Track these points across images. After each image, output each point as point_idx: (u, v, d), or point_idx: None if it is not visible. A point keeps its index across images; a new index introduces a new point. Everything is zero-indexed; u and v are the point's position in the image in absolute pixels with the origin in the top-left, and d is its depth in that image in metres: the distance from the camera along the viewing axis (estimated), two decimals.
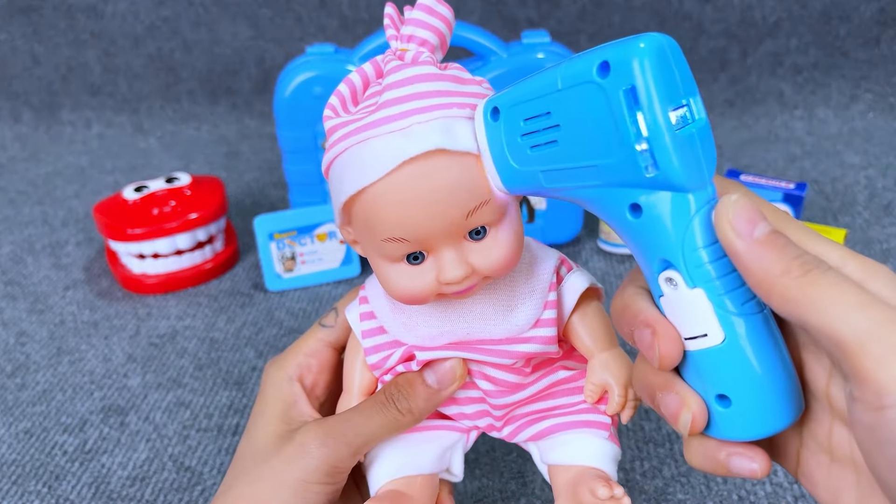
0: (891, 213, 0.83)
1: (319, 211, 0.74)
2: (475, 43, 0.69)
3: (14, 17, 1.16)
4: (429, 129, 0.29)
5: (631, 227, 0.27)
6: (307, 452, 0.35)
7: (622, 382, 0.35)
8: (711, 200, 0.26)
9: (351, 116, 0.31)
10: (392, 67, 0.30)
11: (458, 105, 0.30)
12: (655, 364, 0.27)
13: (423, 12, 0.31)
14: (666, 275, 0.27)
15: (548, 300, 0.35)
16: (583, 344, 0.36)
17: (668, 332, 0.27)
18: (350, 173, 0.30)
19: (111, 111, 1.20)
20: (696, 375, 0.27)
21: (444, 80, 0.30)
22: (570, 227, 0.78)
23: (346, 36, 1.13)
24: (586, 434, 0.37)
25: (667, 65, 0.25)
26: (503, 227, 0.31)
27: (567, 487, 0.35)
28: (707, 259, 0.26)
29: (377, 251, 0.32)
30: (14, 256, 0.84)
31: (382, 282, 0.33)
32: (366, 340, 0.36)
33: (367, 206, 0.30)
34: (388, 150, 0.29)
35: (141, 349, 0.67)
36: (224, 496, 0.36)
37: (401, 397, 0.36)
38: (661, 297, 0.27)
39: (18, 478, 0.54)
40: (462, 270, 0.31)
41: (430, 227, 0.30)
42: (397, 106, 0.29)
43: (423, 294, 0.32)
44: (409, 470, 0.36)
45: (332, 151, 0.31)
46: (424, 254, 0.31)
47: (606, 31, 1.10)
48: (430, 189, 0.29)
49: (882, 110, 1.09)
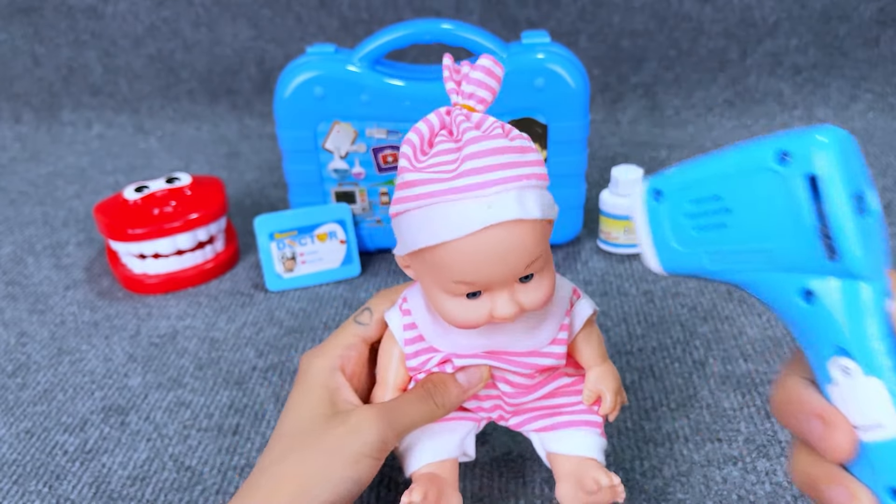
0: (891, 213, 0.83)
1: (319, 211, 0.74)
2: (475, 43, 0.69)
3: (14, 18, 1.16)
4: (507, 201, 0.35)
5: (801, 312, 0.27)
6: (364, 430, 0.40)
7: (613, 390, 0.44)
8: (887, 291, 0.26)
9: (430, 174, 0.36)
10: (471, 137, 0.36)
11: (526, 176, 0.36)
12: (829, 457, 0.27)
13: (484, 73, 0.37)
14: (839, 362, 0.26)
15: (563, 323, 0.43)
16: (583, 358, 0.45)
17: (842, 424, 0.26)
18: (430, 226, 0.36)
19: (112, 111, 1.20)
20: (868, 467, 0.26)
21: (514, 153, 0.36)
22: (571, 228, 0.78)
23: (347, 36, 1.13)
24: (584, 430, 0.45)
25: (847, 156, 0.25)
26: (545, 273, 0.39)
27: (571, 475, 0.43)
28: (885, 349, 0.26)
29: (441, 287, 0.38)
30: (15, 257, 0.84)
31: (441, 310, 0.39)
32: (407, 347, 0.44)
33: (444, 255, 0.36)
34: (473, 215, 0.35)
35: (141, 349, 0.67)
36: (277, 466, 0.40)
37: (437, 393, 0.43)
38: (829, 385, 0.27)
39: (19, 477, 0.54)
40: (513, 308, 0.38)
41: (495, 276, 0.37)
42: (477, 175, 0.35)
43: (478, 324, 0.39)
44: (441, 455, 0.45)
45: (410, 203, 0.37)
46: (481, 292, 0.38)
47: (606, 31, 1.10)
48: (504, 250, 0.36)
49: (881, 110, 1.09)
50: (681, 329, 0.66)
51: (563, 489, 0.44)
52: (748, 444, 0.53)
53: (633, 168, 0.75)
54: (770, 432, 0.54)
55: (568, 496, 0.43)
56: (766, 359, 0.62)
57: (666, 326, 0.66)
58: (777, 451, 0.52)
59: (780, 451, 0.52)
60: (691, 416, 0.56)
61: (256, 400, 0.60)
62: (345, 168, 0.74)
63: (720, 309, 0.68)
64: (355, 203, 0.76)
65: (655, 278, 0.74)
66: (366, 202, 0.76)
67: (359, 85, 0.70)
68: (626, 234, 0.76)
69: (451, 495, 0.43)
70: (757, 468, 0.51)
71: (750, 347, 0.63)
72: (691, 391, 0.59)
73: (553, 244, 0.80)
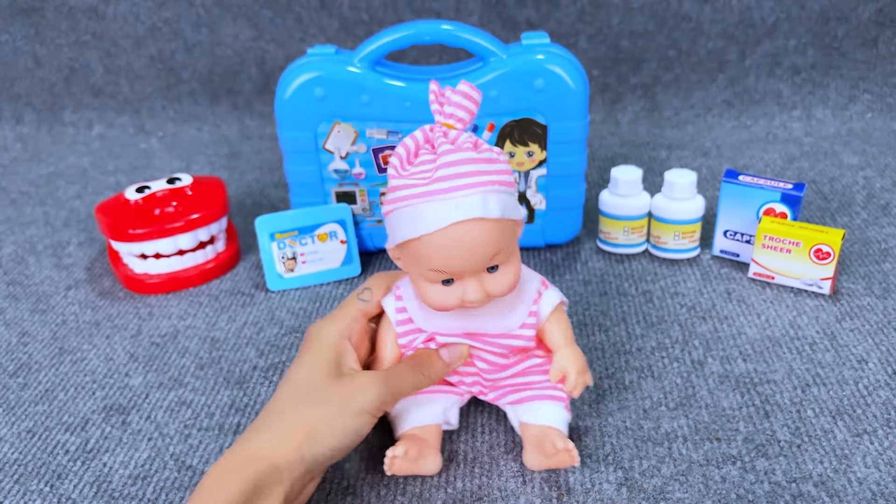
0: (889, 213, 0.84)
1: (320, 211, 0.75)
2: (475, 44, 0.69)
3: (15, 19, 1.16)
4: (471, 202, 0.43)
5: None
6: (368, 390, 0.47)
7: (577, 370, 0.50)
8: None
9: (412, 181, 0.44)
10: (444, 150, 0.43)
11: (490, 182, 0.44)
12: None
13: (462, 97, 0.45)
14: None
15: (531, 310, 0.50)
16: (552, 341, 0.51)
17: None
18: (410, 223, 0.44)
19: (113, 112, 1.20)
20: None
21: (481, 163, 0.44)
22: (570, 228, 0.79)
23: (347, 37, 1.13)
24: (550, 403, 0.53)
25: None
26: (510, 265, 0.47)
27: (534, 440, 0.51)
28: None
29: (421, 274, 0.46)
30: (16, 257, 0.84)
31: (421, 294, 0.47)
32: (399, 327, 0.52)
33: (420, 247, 0.44)
34: (442, 214, 0.43)
35: (142, 349, 0.67)
36: (289, 412, 0.46)
37: (425, 365, 0.50)
38: None
39: (21, 477, 0.54)
40: (480, 295, 0.46)
41: (462, 266, 0.44)
42: (448, 181, 0.43)
43: (451, 306, 0.47)
44: (425, 421, 0.52)
45: (396, 204, 0.45)
46: (454, 279, 0.46)
47: (606, 32, 1.10)
48: (469, 243, 0.43)
49: (880, 111, 1.09)
50: (680, 329, 0.66)
51: (528, 453, 0.50)
52: (747, 443, 0.53)
53: (633, 168, 0.76)
54: (769, 432, 0.54)
55: (530, 459, 0.50)
56: (765, 359, 0.62)
57: (665, 326, 0.67)
58: (776, 450, 0.53)
59: (779, 451, 0.53)
60: (690, 416, 0.56)
61: (257, 399, 0.60)
62: (345, 168, 0.74)
63: (719, 309, 0.68)
64: (355, 203, 0.76)
65: (654, 278, 0.74)
66: (366, 202, 0.76)
67: (359, 86, 0.70)
68: (625, 234, 0.77)
69: (430, 454, 0.50)
70: (756, 467, 0.51)
71: (749, 347, 0.63)
72: (690, 391, 0.59)
73: (553, 244, 0.80)
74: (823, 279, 0.69)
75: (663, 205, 0.74)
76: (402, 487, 0.51)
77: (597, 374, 0.61)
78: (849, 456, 0.52)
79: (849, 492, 0.49)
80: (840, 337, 0.64)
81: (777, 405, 0.57)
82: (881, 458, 0.51)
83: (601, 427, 0.56)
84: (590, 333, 0.66)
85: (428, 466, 0.50)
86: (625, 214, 0.75)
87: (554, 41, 0.75)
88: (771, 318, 0.67)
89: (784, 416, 0.56)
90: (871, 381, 0.59)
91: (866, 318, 0.66)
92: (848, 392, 0.58)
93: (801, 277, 0.69)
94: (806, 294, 0.70)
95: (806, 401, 0.57)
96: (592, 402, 0.58)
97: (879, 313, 0.66)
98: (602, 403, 0.58)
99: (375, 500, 0.51)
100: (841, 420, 0.55)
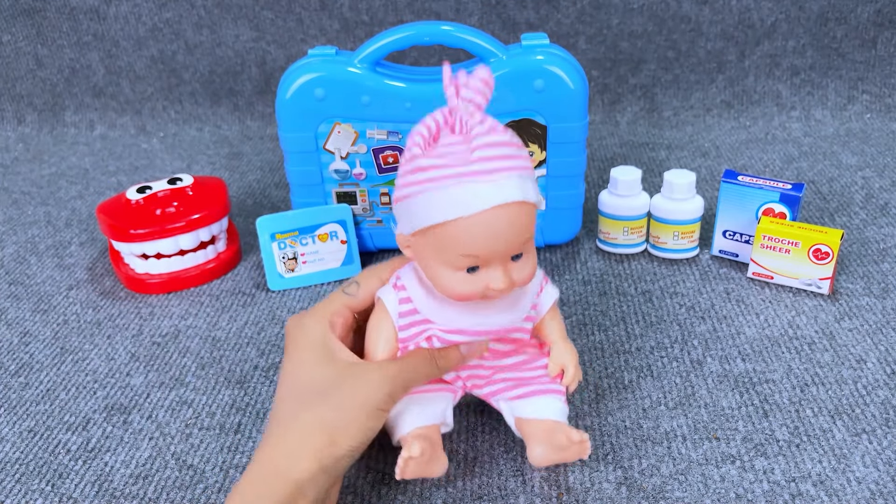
0: (887, 213, 0.84)
1: (321, 211, 0.75)
2: (475, 45, 0.70)
3: (17, 20, 1.16)
4: (512, 185, 0.41)
5: None
6: (379, 387, 0.45)
7: (574, 364, 0.51)
8: None
9: (444, 161, 0.41)
10: (479, 131, 0.41)
11: (524, 167, 0.42)
12: None
13: (480, 82, 0.42)
14: None
15: (534, 303, 0.50)
16: (549, 335, 0.52)
17: None
18: (444, 205, 0.41)
19: (114, 112, 1.21)
20: None
21: (514, 147, 0.42)
22: (570, 228, 0.79)
23: (347, 38, 1.13)
24: (551, 397, 0.51)
25: None
26: (530, 254, 0.45)
27: (542, 434, 0.49)
28: None
29: (444, 262, 0.43)
30: (18, 257, 0.85)
31: (441, 283, 0.44)
32: (401, 320, 0.48)
33: (454, 230, 0.41)
34: (484, 195, 0.40)
35: (144, 348, 0.67)
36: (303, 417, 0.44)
37: (440, 356, 0.48)
38: None
39: (22, 476, 0.54)
40: (506, 282, 0.43)
41: (497, 250, 0.42)
42: (490, 162, 0.41)
43: (475, 295, 0.44)
44: (428, 420, 0.49)
45: (423, 185, 0.42)
46: (480, 267, 0.43)
47: (605, 33, 1.10)
48: (506, 226, 0.41)
49: (879, 111, 1.09)
50: (679, 328, 0.66)
51: (536, 449, 0.49)
52: (746, 442, 0.54)
53: (632, 169, 0.76)
54: (768, 431, 0.54)
55: (539, 455, 0.48)
56: (764, 358, 0.62)
57: (664, 326, 0.67)
58: (775, 449, 0.53)
59: (778, 450, 0.53)
60: (689, 415, 0.56)
61: (258, 399, 0.61)
62: (346, 169, 0.74)
63: (718, 308, 0.69)
64: (356, 204, 0.76)
65: (654, 278, 0.74)
66: (366, 203, 0.76)
67: (359, 86, 0.70)
68: (624, 234, 0.77)
69: (441, 456, 0.48)
70: (755, 466, 0.51)
71: (748, 347, 0.63)
72: (689, 390, 0.59)
73: (552, 244, 0.80)
74: (822, 279, 0.69)
75: (662, 205, 0.75)
76: (403, 487, 0.52)
77: (596, 373, 0.61)
78: (847, 455, 0.52)
79: (847, 491, 0.49)
80: (839, 337, 0.64)
81: (776, 405, 0.57)
82: (880, 458, 0.52)
83: (600, 426, 0.56)
84: (589, 333, 0.66)
85: (437, 468, 0.48)
86: (624, 214, 0.76)
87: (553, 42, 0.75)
88: (770, 317, 0.67)
89: (783, 415, 0.56)
90: (870, 380, 0.59)
91: (865, 317, 0.66)
92: (847, 392, 0.58)
93: (799, 277, 0.70)
94: (805, 294, 0.70)
95: (805, 400, 0.57)
96: (592, 402, 0.58)
97: (878, 313, 0.67)
98: (601, 403, 0.58)
99: (376, 500, 0.51)
100: (840, 419, 0.55)
